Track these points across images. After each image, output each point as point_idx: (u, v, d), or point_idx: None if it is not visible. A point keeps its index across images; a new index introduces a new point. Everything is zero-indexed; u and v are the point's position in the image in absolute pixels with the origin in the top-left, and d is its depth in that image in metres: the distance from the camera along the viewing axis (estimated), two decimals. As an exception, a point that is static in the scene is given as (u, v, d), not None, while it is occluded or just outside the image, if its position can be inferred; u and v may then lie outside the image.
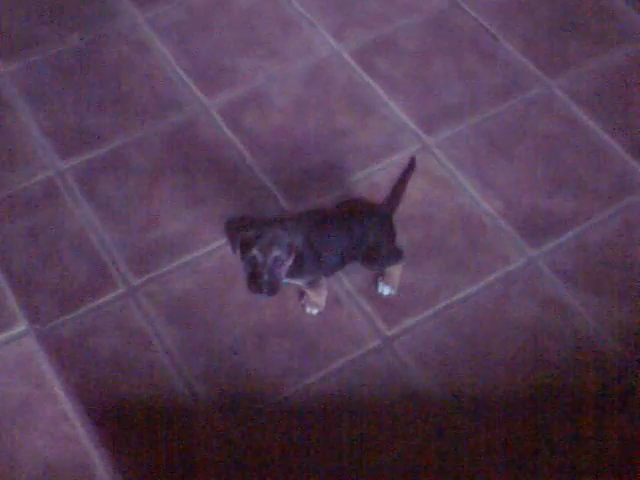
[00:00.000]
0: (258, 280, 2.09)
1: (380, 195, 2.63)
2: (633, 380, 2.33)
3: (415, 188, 2.66)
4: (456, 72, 2.96)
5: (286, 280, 2.23)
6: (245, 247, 2.09)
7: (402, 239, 2.54)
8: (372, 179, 2.70)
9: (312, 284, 2.31)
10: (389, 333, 2.41)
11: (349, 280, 2.50)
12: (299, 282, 2.29)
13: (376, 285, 2.48)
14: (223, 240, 2.59)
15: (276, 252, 2.07)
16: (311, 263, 2.21)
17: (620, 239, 2.57)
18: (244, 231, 2.10)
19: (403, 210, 2.61)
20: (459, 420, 2.27)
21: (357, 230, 2.25)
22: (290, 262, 2.13)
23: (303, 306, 2.44)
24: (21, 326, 2.27)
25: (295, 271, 2.19)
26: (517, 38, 3.06)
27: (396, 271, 2.44)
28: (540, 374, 2.34)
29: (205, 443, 2.24)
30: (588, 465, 2.20)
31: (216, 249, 2.57)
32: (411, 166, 2.36)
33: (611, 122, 2.84)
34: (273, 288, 2.10)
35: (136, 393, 2.31)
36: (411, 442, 2.23)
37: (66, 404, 2.14)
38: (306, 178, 2.71)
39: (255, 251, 2.07)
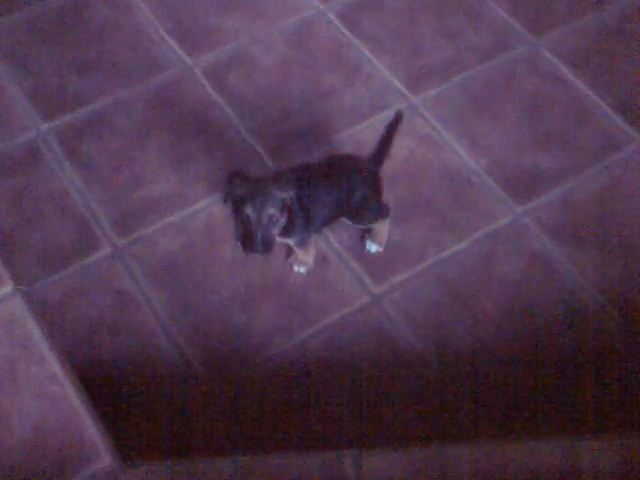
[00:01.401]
0: (252, 239, 2.08)
1: (366, 153, 2.62)
2: (618, 332, 2.34)
3: (401, 147, 2.65)
4: (442, 31, 2.95)
5: (278, 239, 2.22)
6: (238, 205, 2.08)
7: (389, 197, 2.53)
8: (358, 137, 2.69)
9: (302, 243, 2.30)
10: (377, 290, 2.41)
11: (336, 238, 2.50)
12: (289, 241, 2.28)
13: (363, 243, 2.48)
14: (209, 200, 2.57)
15: (270, 210, 2.06)
16: (301, 220, 2.20)
17: (606, 195, 2.58)
18: (237, 188, 2.08)
19: (389, 168, 2.60)
20: (447, 375, 2.28)
21: (345, 185, 2.24)
22: (284, 220, 2.12)
23: (291, 265, 2.44)
24: (7, 287, 2.25)
25: (286, 229, 2.18)
26: (502, -3, 3.05)
27: (383, 228, 2.43)
28: (528, 328, 2.35)
29: (195, 402, 2.23)
30: (581, 416, 2.21)
31: (202, 209, 2.56)
32: (397, 119, 2.34)
33: (597, 80, 2.84)
34: (267, 247, 2.09)
35: (124, 353, 2.31)
36: (400, 398, 2.24)
37: (54, 365, 2.13)
38: (291, 137, 2.70)
39: (249, 210, 2.06)
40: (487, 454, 2.03)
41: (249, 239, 2.09)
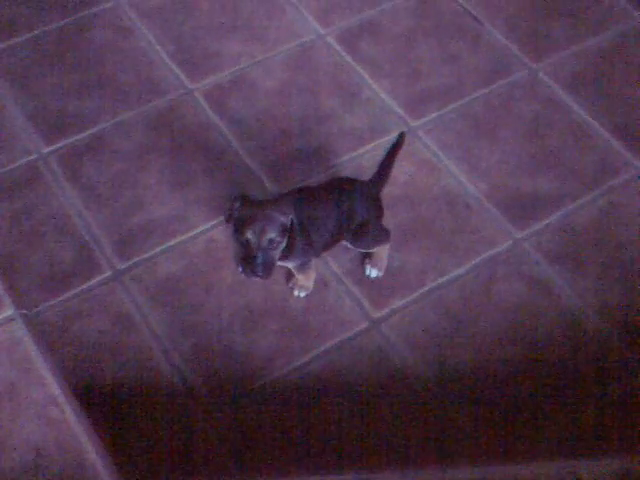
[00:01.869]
0: (252, 263, 2.09)
1: (366, 177, 2.63)
2: (618, 357, 2.35)
3: (401, 171, 2.67)
4: (441, 55, 2.97)
5: (278, 262, 2.23)
6: (238, 228, 2.09)
7: (388, 221, 2.55)
8: (358, 161, 2.70)
9: (302, 267, 2.31)
10: (377, 315, 2.42)
11: (336, 262, 2.50)
12: (290, 265, 2.29)
13: (363, 268, 2.48)
14: (209, 223, 2.58)
15: (270, 234, 2.07)
16: (302, 244, 2.21)
17: (605, 220, 2.59)
18: (238, 211, 2.09)
19: (389, 192, 2.62)
20: (447, 399, 2.28)
21: (345, 208, 2.25)
22: (284, 244, 2.13)
23: (291, 289, 2.44)
24: (7, 311, 2.25)
25: (286, 253, 2.19)
26: (501, 21, 3.07)
27: (382, 253, 2.44)
28: (527, 353, 2.35)
29: (194, 426, 2.23)
30: (576, 440, 2.22)
31: (202, 232, 2.57)
32: (399, 142, 2.35)
33: (595, 105, 2.85)
34: (267, 270, 2.10)
35: (124, 377, 2.31)
36: (400, 422, 2.24)
37: (55, 388, 2.13)
38: (291, 161, 2.71)
39: (249, 233, 2.07)
40: (486, 475, 2.04)
41: (249, 262, 2.10)
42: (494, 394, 2.29)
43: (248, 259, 2.10)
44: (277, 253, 2.13)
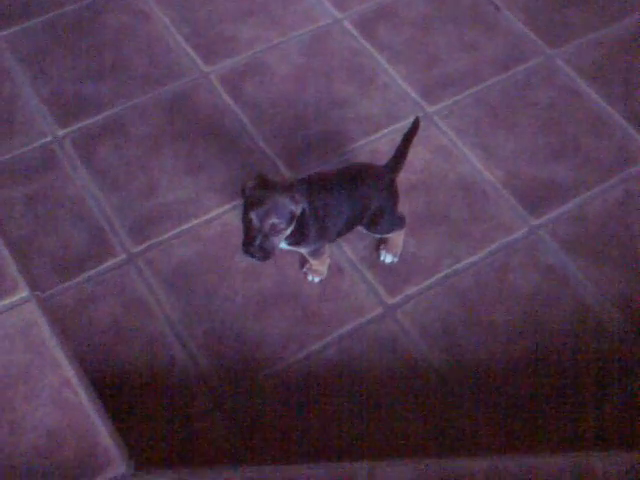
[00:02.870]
0: (250, 244, 2.08)
1: (382, 162, 2.62)
2: (632, 348, 2.34)
3: (417, 157, 2.66)
4: (458, 42, 2.95)
5: (291, 247, 2.23)
6: (246, 207, 2.09)
7: (404, 208, 2.54)
8: (373, 146, 2.69)
9: (316, 252, 2.30)
10: (391, 301, 2.41)
11: (351, 248, 2.50)
12: (303, 250, 2.28)
13: (378, 253, 2.48)
14: (223, 207, 2.58)
15: (274, 219, 2.06)
16: (315, 230, 2.20)
17: (621, 209, 2.58)
18: (250, 190, 2.09)
19: (405, 179, 2.61)
20: (460, 387, 2.28)
21: (361, 194, 2.24)
22: (289, 230, 2.11)
23: (305, 274, 2.44)
24: (22, 293, 2.26)
25: (299, 239, 2.18)
26: (519, 8, 3.04)
27: (398, 239, 2.43)
28: (540, 342, 2.34)
29: (206, 411, 2.24)
30: (587, 430, 2.21)
31: (216, 217, 2.56)
32: (414, 127, 2.34)
33: (612, 92, 2.83)
34: (265, 254, 2.09)
35: (137, 360, 2.31)
36: (412, 409, 2.24)
37: (68, 371, 2.13)
38: (306, 145, 2.70)
39: (252, 215, 2.06)
40: (494, 466, 2.03)
41: (249, 243, 2.10)
42: (504, 383, 2.28)
43: (248, 239, 2.10)
44: (279, 239, 2.12)
